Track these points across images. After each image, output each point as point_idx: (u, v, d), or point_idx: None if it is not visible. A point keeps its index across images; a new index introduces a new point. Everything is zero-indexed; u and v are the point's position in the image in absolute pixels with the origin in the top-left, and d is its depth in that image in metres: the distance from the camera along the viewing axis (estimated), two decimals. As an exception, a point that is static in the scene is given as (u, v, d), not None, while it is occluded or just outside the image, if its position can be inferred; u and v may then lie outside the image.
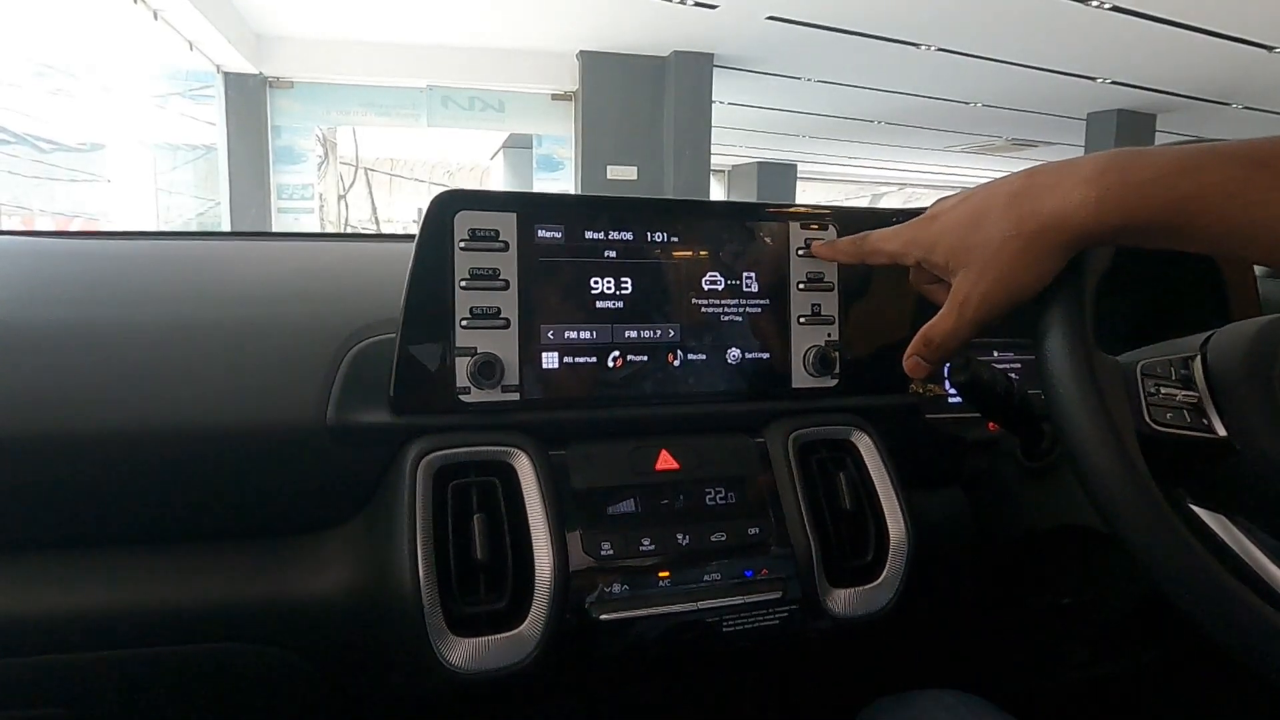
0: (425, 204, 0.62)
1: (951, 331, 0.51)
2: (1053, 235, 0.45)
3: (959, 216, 0.49)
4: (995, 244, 0.46)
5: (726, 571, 0.64)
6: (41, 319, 0.61)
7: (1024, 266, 0.46)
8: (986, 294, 0.48)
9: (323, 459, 0.61)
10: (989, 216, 0.47)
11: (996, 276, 0.47)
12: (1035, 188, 0.45)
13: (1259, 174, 0.39)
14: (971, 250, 0.48)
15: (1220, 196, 0.40)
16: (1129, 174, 0.42)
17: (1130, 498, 0.50)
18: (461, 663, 0.57)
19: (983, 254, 0.47)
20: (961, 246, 0.49)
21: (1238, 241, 0.41)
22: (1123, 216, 0.42)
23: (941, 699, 0.63)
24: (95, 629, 0.58)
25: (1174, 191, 0.41)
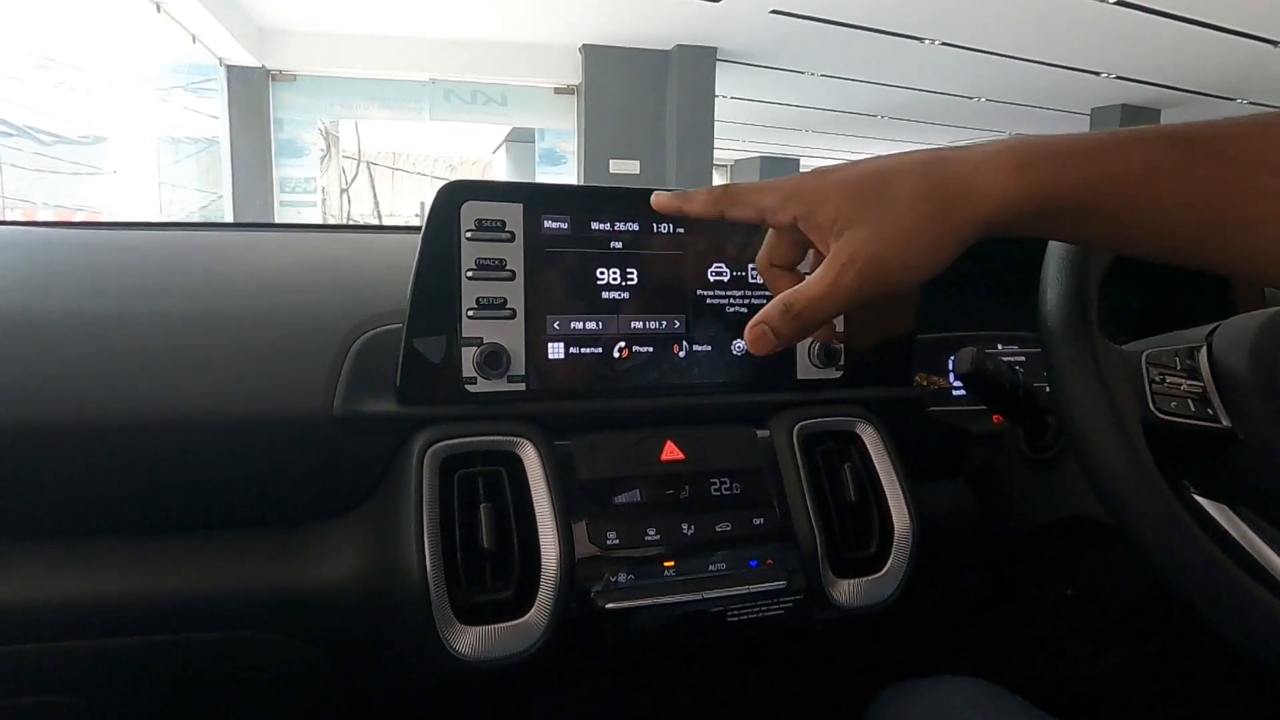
0: (427, 198, 0.63)
1: (821, 297, 0.41)
2: (966, 206, 0.39)
3: (859, 172, 0.41)
4: (903, 202, 0.39)
5: (731, 562, 0.64)
6: (51, 309, 0.61)
7: (929, 235, 0.39)
8: (879, 255, 0.40)
9: (329, 449, 0.62)
10: (898, 175, 0.40)
11: (895, 239, 0.39)
12: (951, 157, 0.40)
13: (1182, 151, 0.37)
14: (870, 207, 0.40)
15: (1146, 171, 0.37)
16: (1048, 146, 0.38)
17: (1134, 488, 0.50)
18: (468, 651, 0.57)
19: (883, 212, 0.39)
20: (859, 201, 0.40)
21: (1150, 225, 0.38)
22: (1042, 191, 0.38)
23: (958, 685, 0.63)
24: (104, 617, 0.59)
25: (1098, 166, 0.37)
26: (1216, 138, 0.37)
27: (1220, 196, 0.36)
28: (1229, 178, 0.36)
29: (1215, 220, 0.36)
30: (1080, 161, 0.37)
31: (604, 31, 6.72)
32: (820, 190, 0.42)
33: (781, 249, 0.49)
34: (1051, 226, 0.39)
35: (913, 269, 0.40)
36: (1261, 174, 0.35)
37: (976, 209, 0.39)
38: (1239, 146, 0.36)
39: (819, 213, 0.42)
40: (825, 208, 0.42)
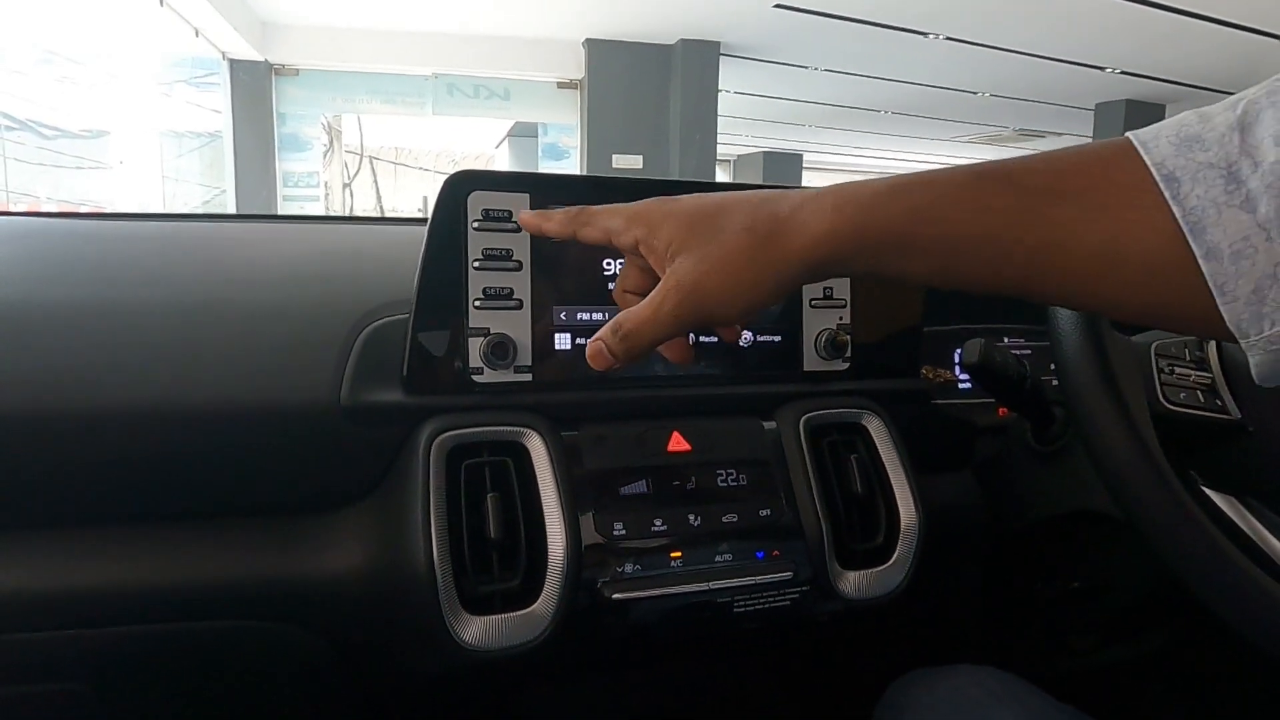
0: (430, 193, 0.63)
1: (648, 320, 0.43)
2: (788, 240, 0.40)
3: (695, 204, 0.44)
4: (726, 234, 0.41)
5: (738, 553, 0.64)
6: (59, 299, 0.61)
7: (747, 266, 0.41)
8: (699, 283, 0.42)
9: (337, 438, 0.62)
10: (729, 209, 0.42)
11: (718, 267, 0.41)
12: (779, 196, 0.42)
13: (987, 183, 0.38)
14: (698, 236, 0.42)
15: (949, 204, 0.38)
16: (866, 187, 0.40)
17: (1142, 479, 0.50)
18: (475, 640, 0.57)
19: (710, 240, 0.42)
20: (690, 230, 0.43)
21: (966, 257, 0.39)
22: (857, 228, 0.39)
23: (975, 674, 0.63)
24: (113, 605, 0.59)
25: (907, 200, 0.39)
26: (1011, 170, 0.38)
27: (1017, 225, 0.37)
28: (1024, 206, 0.37)
29: (1020, 248, 0.37)
30: (889, 199, 0.40)
31: (607, 26, 6.71)
32: (659, 216, 0.44)
33: (632, 275, 0.50)
34: (873, 262, 0.41)
35: (732, 300, 0.42)
36: (1051, 201, 0.36)
37: (795, 244, 0.40)
38: (1033, 176, 0.37)
39: (655, 238, 0.44)
40: (661, 233, 0.44)
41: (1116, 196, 0.35)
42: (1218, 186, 0.33)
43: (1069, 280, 0.37)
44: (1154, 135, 0.36)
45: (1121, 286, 0.36)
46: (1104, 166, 0.36)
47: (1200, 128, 0.35)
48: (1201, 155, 0.34)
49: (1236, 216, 0.33)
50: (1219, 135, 0.34)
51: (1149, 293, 0.35)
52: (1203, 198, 0.33)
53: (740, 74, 7.65)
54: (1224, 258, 0.33)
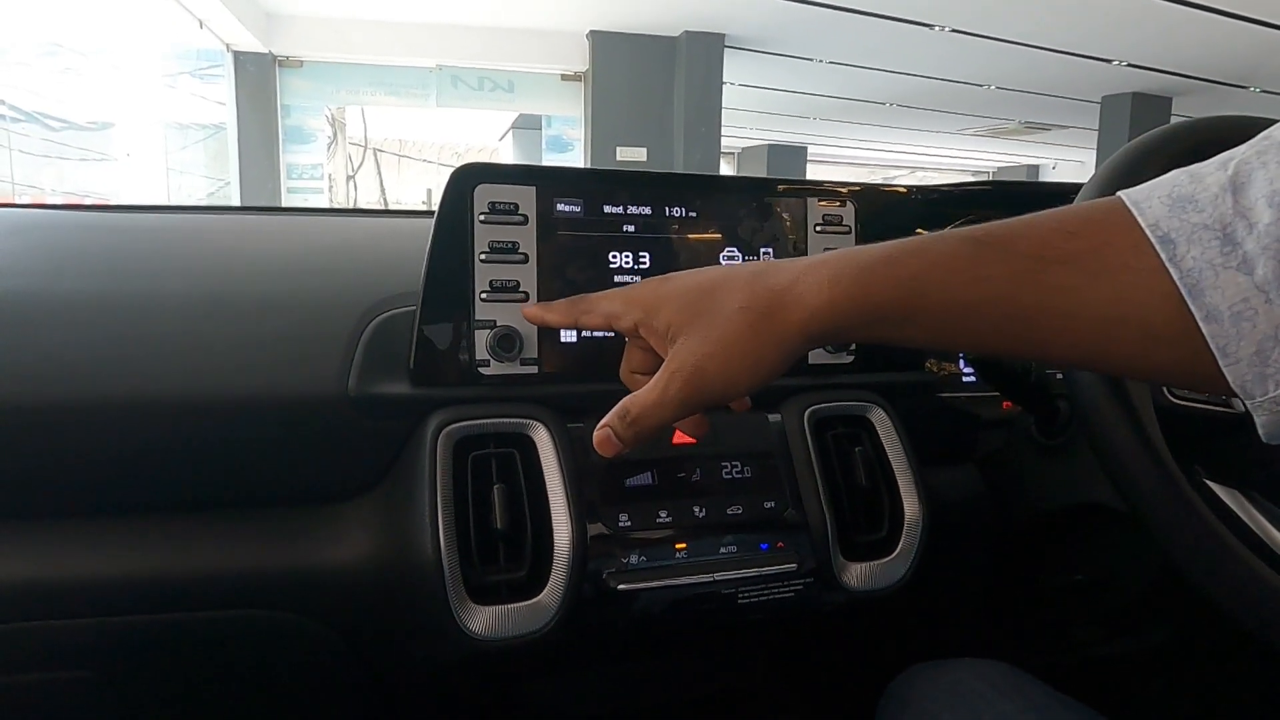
0: (434, 185, 0.63)
1: (654, 405, 0.43)
2: (786, 315, 0.40)
3: (691, 282, 0.44)
4: (724, 313, 0.41)
5: (742, 544, 0.65)
6: (68, 291, 0.61)
7: (749, 344, 0.41)
8: (701, 366, 0.42)
9: (345, 429, 0.62)
10: (724, 287, 0.42)
11: (718, 348, 0.41)
12: (773, 269, 0.42)
13: (981, 250, 0.38)
14: (698, 317, 0.42)
15: (945, 273, 0.38)
16: (860, 257, 0.40)
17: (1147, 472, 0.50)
18: (482, 630, 0.58)
19: (709, 321, 0.42)
20: (688, 311, 0.43)
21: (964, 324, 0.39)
22: (854, 299, 0.39)
23: (978, 667, 0.63)
24: (122, 594, 0.59)
25: (902, 269, 0.39)
26: (1007, 235, 0.38)
27: (1014, 291, 0.37)
28: (1019, 273, 0.37)
29: (1017, 314, 0.37)
30: (886, 269, 0.39)
31: (612, 18, 6.68)
32: (657, 298, 0.45)
33: (636, 357, 0.50)
34: (874, 331, 0.41)
35: (735, 379, 0.42)
36: (1046, 266, 0.36)
37: (793, 319, 0.40)
38: (1026, 242, 0.37)
39: (656, 319, 0.45)
40: (660, 315, 0.44)
41: (1113, 259, 0.35)
42: (1213, 248, 0.33)
43: (1073, 344, 0.37)
44: (1146, 196, 0.35)
45: (1126, 348, 0.36)
46: (1098, 229, 0.36)
47: (1192, 188, 0.34)
48: (1195, 216, 0.34)
49: (1234, 278, 0.32)
50: (1212, 196, 0.34)
51: (1154, 354, 0.35)
52: (1199, 259, 0.33)
53: (745, 66, 7.62)
54: (1224, 319, 0.33)
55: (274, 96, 7.12)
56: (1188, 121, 0.58)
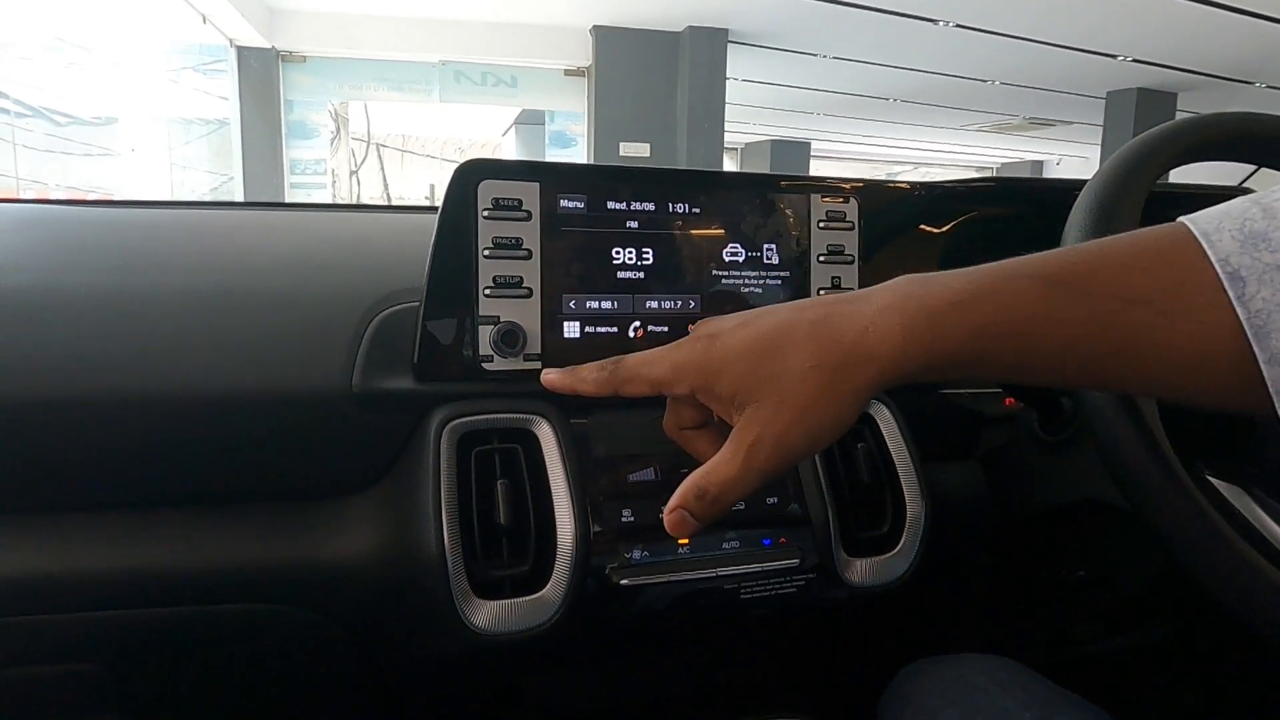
0: (437, 180, 0.63)
1: (735, 480, 0.41)
2: (858, 369, 0.39)
3: (747, 340, 0.41)
4: (795, 375, 0.39)
5: (745, 539, 0.65)
6: (74, 286, 0.62)
7: (827, 404, 0.39)
8: (783, 435, 0.39)
9: (348, 425, 0.63)
10: (787, 343, 0.40)
11: (796, 415, 0.39)
12: (836, 316, 0.40)
13: (1053, 292, 0.37)
14: (765, 382, 0.40)
15: (1020, 318, 0.37)
16: (928, 301, 0.38)
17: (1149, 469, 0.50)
18: (485, 625, 0.58)
19: (779, 386, 0.39)
20: (753, 376, 0.40)
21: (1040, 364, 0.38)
22: (926, 349, 0.38)
23: (981, 662, 0.63)
24: (127, 588, 0.60)
25: (974, 316, 0.38)
26: (1081, 275, 0.37)
27: (1092, 333, 0.36)
28: (1097, 315, 0.36)
29: (1096, 354, 0.37)
30: (957, 316, 0.38)
31: (615, 13, 6.67)
32: (713, 362, 0.42)
33: (686, 413, 0.47)
34: (948, 374, 0.40)
35: (817, 439, 0.40)
36: (1125, 308, 0.35)
37: (868, 371, 0.39)
38: (1101, 282, 0.36)
39: (716, 385, 0.41)
40: (721, 381, 0.41)
41: (1185, 299, 0.34)
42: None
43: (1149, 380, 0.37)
44: (1215, 227, 0.35)
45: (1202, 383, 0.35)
46: (1172, 266, 0.35)
47: (1265, 224, 0.34)
48: (1269, 256, 0.33)
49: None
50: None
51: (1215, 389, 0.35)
52: (1269, 300, 0.33)
53: (748, 61, 7.61)
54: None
55: (277, 92, 7.12)
56: (1193, 117, 0.58)
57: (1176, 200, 0.84)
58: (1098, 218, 0.55)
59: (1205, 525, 0.49)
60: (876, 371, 0.39)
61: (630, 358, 0.46)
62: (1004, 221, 0.82)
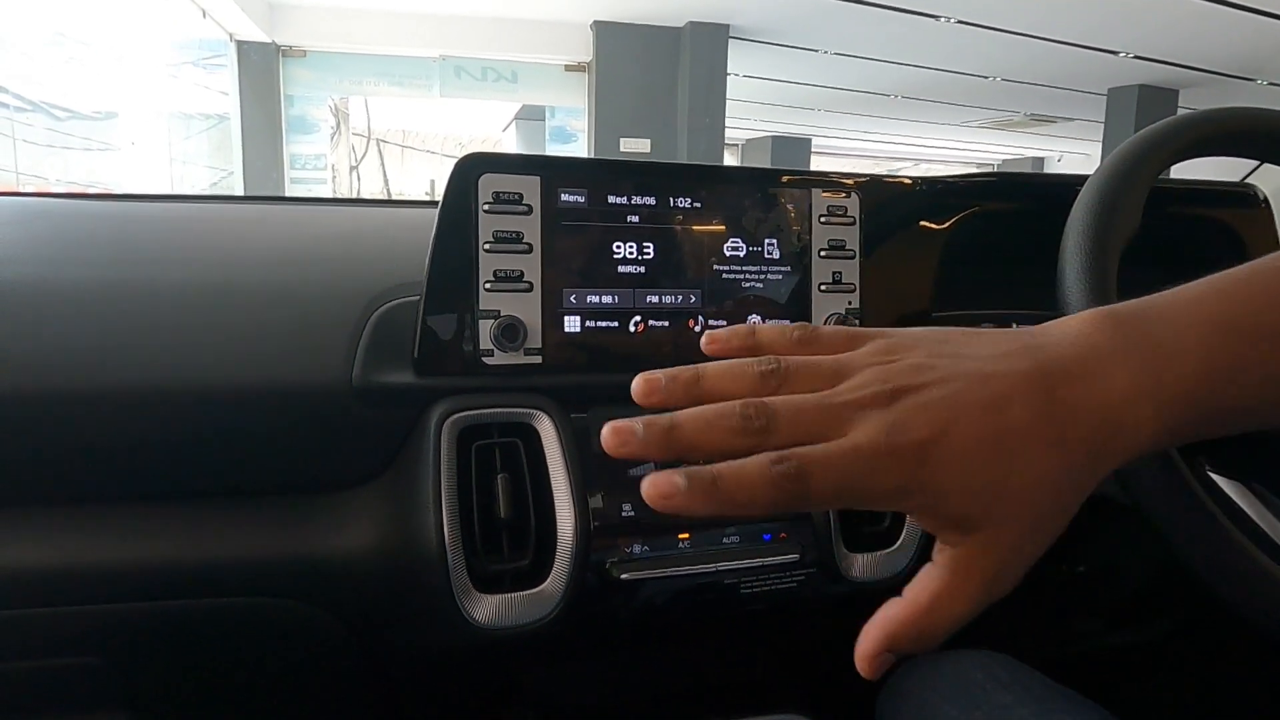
0: (437, 176, 0.63)
1: (962, 616, 0.31)
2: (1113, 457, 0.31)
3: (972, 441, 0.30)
4: (1035, 490, 0.30)
5: (745, 534, 0.65)
6: (74, 279, 0.62)
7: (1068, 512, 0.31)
8: (1026, 562, 0.31)
9: (349, 419, 0.62)
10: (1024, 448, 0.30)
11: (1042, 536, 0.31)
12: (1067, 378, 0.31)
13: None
14: (1004, 501, 0.30)
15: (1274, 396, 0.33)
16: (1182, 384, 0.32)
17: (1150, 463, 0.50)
18: (486, 619, 0.58)
19: (1031, 502, 0.30)
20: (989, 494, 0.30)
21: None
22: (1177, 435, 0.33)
23: (977, 658, 0.63)
24: (128, 581, 0.60)
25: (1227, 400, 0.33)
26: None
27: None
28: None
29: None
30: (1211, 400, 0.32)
31: (616, 8, 6.66)
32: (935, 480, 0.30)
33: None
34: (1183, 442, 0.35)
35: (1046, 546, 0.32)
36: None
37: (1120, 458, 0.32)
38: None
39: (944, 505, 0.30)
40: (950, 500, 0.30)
41: None
42: None
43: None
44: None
45: None
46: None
47: None
48: None
49: None
50: None
51: None
52: None
53: (749, 57, 7.60)
54: None
55: (277, 86, 7.11)
56: (1195, 113, 0.58)
57: (1179, 196, 0.84)
58: (1100, 213, 0.55)
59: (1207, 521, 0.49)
60: (1127, 458, 0.32)
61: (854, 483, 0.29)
62: (1005, 216, 0.82)
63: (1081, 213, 0.56)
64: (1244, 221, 0.87)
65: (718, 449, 0.30)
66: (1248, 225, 0.87)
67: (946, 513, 0.30)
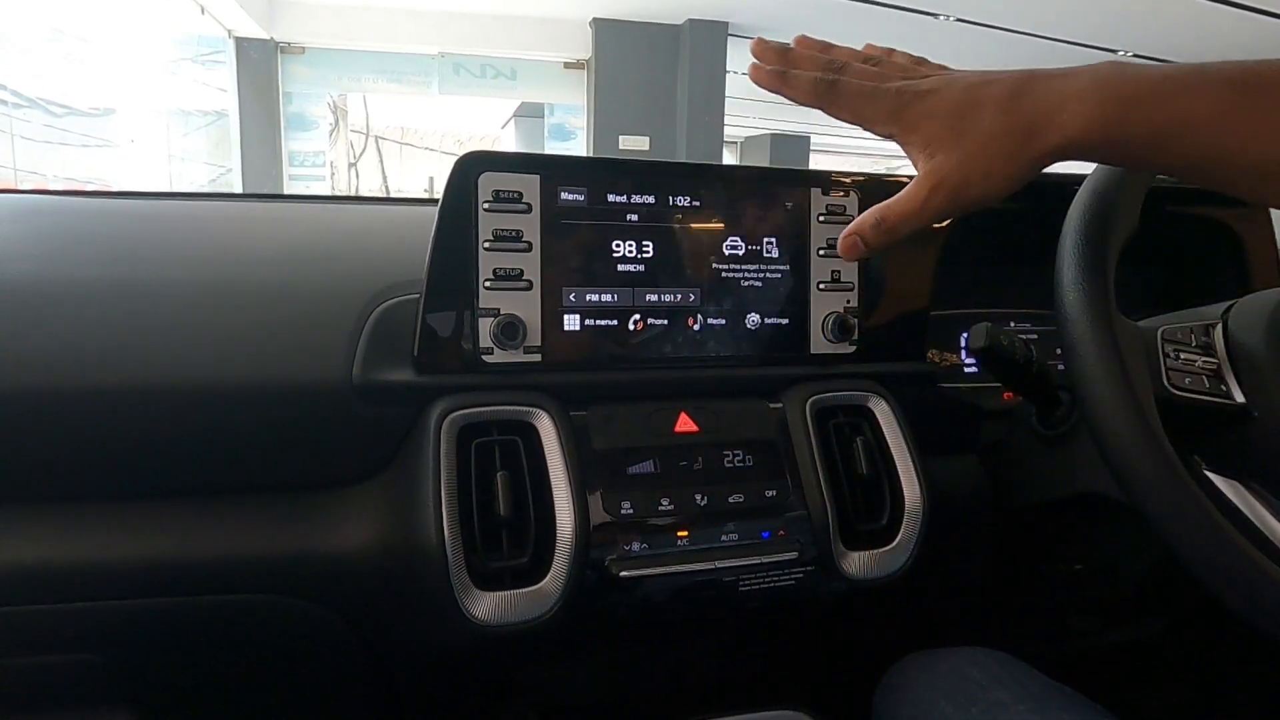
0: (436, 173, 0.63)
1: (913, 215, 0.47)
2: (1043, 140, 0.43)
3: (950, 100, 0.45)
4: (985, 134, 0.44)
5: (744, 532, 0.65)
6: (75, 277, 0.62)
7: (1008, 164, 0.45)
8: (960, 185, 0.45)
9: (349, 416, 0.63)
10: (984, 107, 0.44)
11: (977, 169, 0.45)
12: (1037, 89, 0.43)
13: (1246, 99, 0.39)
14: (959, 137, 0.45)
15: (1206, 120, 0.40)
16: (1123, 89, 0.41)
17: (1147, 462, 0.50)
18: (485, 616, 0.58)
19: (969, 143, 0.45)
20: (947, 130, 0.45)
21: (1217, 169, 0.41)
22: (1109, 134, 0.42)
23: (974, 656, 0.64)
24: (127, 578, 0.60)
25: (1162, 112, 0.40)
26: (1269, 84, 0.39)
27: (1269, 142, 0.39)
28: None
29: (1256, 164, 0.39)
30: (1151, 105, 0.41)
31: (615, 5, 6.65)
32: (915, 116, 0.46)
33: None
34: (1119, 157, 0.45)
35: (989, 193, 0.45)
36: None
37: (1051, 143, 0.43)
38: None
39: (914, 135, 0.46)
40: (919, 132, 0.46)
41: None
42: None
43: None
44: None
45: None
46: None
47: None
48: None
49: None
50: None
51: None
52: None
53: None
54: None
55: (276, 83, 7.10)
56: None
57: (1177, 195, 0.84)
58: (1097, 213, 0.55)
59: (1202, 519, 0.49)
60: (1059, 145, 0.43)
61: (849, 84, 0.48)
62: (1003, 216, 0.82)
63: (1079, 213, 0.56)
64: (1241, 220, 0.87)
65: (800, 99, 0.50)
66: (1245, 224, 0.87)
67: (916, 139, 0.46)
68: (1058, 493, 0.72)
